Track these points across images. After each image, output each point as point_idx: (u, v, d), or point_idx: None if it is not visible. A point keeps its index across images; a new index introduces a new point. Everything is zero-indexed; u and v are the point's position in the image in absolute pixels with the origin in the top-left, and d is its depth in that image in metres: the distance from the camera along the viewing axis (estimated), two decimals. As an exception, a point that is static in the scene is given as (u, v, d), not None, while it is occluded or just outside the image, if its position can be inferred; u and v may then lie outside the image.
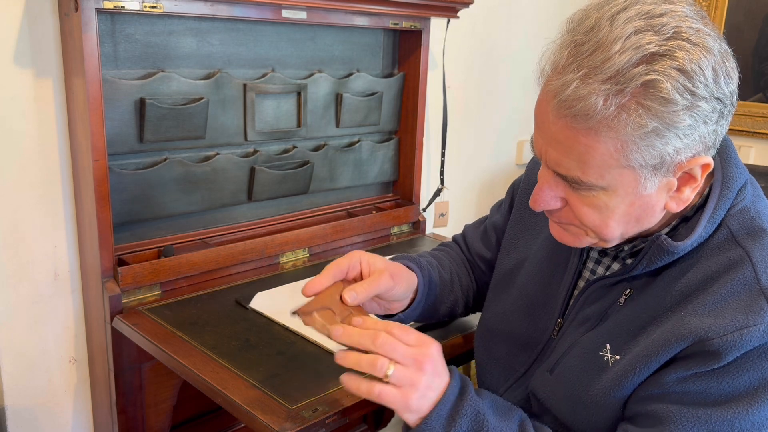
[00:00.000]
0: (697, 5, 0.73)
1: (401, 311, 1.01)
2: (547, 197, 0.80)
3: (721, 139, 0.75)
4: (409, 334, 0.81)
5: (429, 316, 1.08)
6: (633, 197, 0.75)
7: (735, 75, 0.73)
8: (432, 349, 0.81)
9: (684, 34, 0.69)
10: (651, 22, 0.69)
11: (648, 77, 0.67)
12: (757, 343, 0.71)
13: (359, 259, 0.93)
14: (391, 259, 1.05)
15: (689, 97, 0.68)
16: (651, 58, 0.68)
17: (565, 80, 0.70)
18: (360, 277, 0.94)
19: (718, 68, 0.70)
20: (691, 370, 0.74)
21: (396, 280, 0.95)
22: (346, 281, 0.92)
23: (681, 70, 0.67)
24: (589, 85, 0.68)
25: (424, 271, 1.04)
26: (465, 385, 0.83)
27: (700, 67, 0.68)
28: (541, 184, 0.80)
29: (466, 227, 1.20)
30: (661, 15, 0.69)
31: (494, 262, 1.10)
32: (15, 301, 1.31)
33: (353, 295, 0.88)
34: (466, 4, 1.70)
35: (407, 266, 1.02)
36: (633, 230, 0.79)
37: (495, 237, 1.11)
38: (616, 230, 0.78)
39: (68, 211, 1.34)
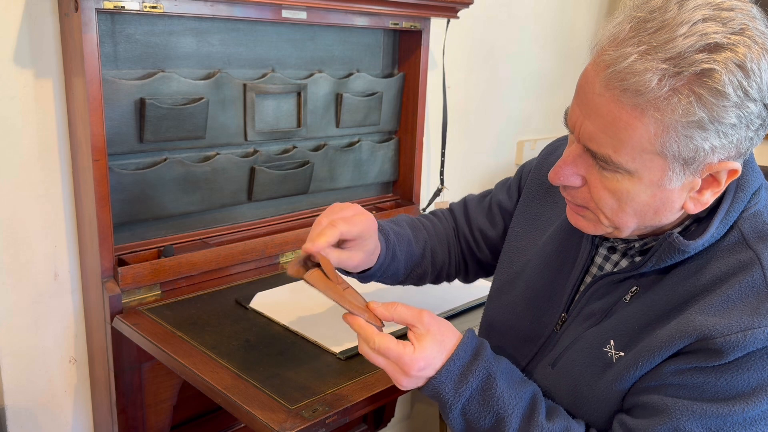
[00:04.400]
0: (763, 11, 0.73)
1: (357, 272, 1.02)
2: (568, 172, 0.79)
3: (753, 149, 0.75)
4: (388, 346, 0.82)
5: (389, 281, 1.08)
6: (656, 188, 0.74)
7: None
8: (407, 360, 0.81)
9: (749, 32, 0.68)
10: (720, 14, 0.69)
11: (707, 65, 0.67)
12: (761, 345, 0.71)
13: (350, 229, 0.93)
14: None
15: (741, 94, 0.68)
16: (714, 48, 0.67)
17: (623, 53, 0.69)
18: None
19: None
20: (691, 364, 0.74)
21: (368, 261, 0.97)
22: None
23: (740, 66, 0.67)
24: (648, 62, 0.68)
25: (389, 246, 1.03)
26: (481, 346, 0.85)
27: (759, 68, 0.68)
28: (566, 158, 0.79)
29: (469, 199, 1.18)
30: (730, 9, 0.69)
31: (496, 241, 1.10)
32: (15, 301, 1.31)
33: (309, 245, 0.88)
34: (466, 4, 1.70)
35: (380, 229, 1.02)
36: (649, 223, 0.79)
37: (501, 217, 1.10)
38: (632, 220, 0.78)
39: (68, 211, 1.34)
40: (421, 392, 0.84)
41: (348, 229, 0.92)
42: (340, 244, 0.94)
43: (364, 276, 1.03)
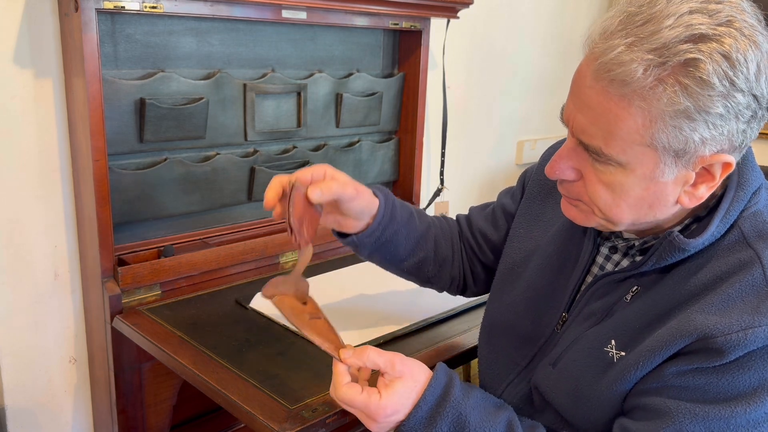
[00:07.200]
0: (755, 7, 0.73)
1: (355, 233, 1.01)
2: (563, 166, 0.80)
3: (749, 143, 0.75)
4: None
5: (389, 257, 1.06)
6: (648, 181, 0.74)
7: None
8: (373, 409, 0.82)
9: (736, 24, 0.69)
10: (707, 6, 0.69)
11: (691, 55, 0.67)
12: (761, 344, 0.71)
13: (324, 170, 0.94)
14: None
15: (727, 84, 0.68)
16: (699, 39, 0.68)
17: (611, 44, 0.71)
18: None
19: (762, 67, 0.70)
20: (693, 365, 0.74)
21: (359, 192, 0.96)
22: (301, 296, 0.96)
23: (725, 56, 0.68)
24: (633, 53, 0.69)
25: (388, 202, 1.03)
26: (449, 385, 0.84)
27: (745, 59, 0.68)
28: (561, 152, 0.80)
29: (472, 208, 1.19)
30: (718, 2, 0.70)
31: (498, 244, 1.09)
32: (15, 301, 1.31)
33: (318, 192, 0.89)
34: (466, 4, 1.70)
35: (372, 192, 1.01)
36: (644, 219, 0.79)
37: (504, 220, 1.10)
38: (627, 214, 0.78)
39: (68, 211, 1.34)
40: None
41: (331, 170, 0.94)
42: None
43: (361, 240, 1.01)
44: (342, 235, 1.03)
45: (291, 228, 0.89)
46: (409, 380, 0.83)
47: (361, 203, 0.96)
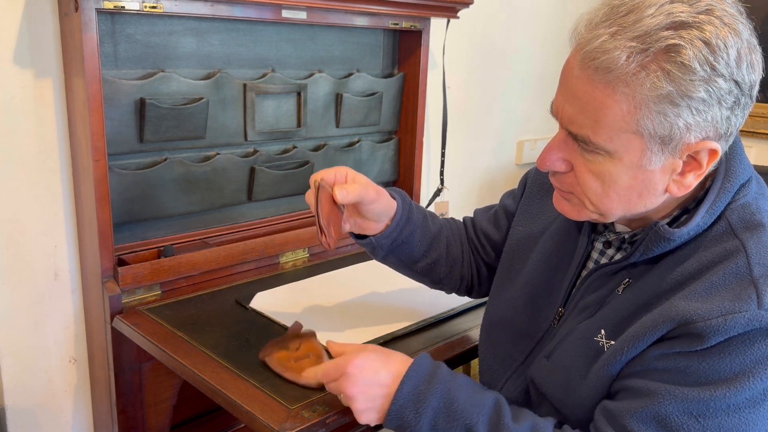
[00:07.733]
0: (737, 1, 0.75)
1: (373, 235, 1.04)
2: (553, 157, 0.81)
3: (735, 132, 0.76)
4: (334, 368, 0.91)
5: (404, 258, 1.08)
6: (636, 170, 0.76)
7: (759, 69, 0.74)
8: (341, 361, 0.90)
9: (716, 13, 0.71)
10: None
11: (672, 41, 0.69)
12: (742, 330, 0.72)
13: (345, 172, 0.98)
14: None
15: (708, 70, 0.70)
16: (680, 26, 0.70)
17: (595, 34, 0.73)
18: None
19: (742, 54, 0.71)
20: (675, 348, 0.75)
21: (379, 194, 0.99)
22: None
23: (706, 42, 0.69)
24: (617, 41, 0.71)
25: (405, 204, 1.06)
26: (436, 366, 0.88)
27: (726, 45, 0.70)
28: (551, 143, 0.82)
29: (476, 210, 1.21)
30: None
31: (500, 244, 1.11)
32: (15, 301, 1.31)
33: (344, 193, 0.94)
34: (466, 4, 1.70)
35: (390, 194, 1.05)
36: (634, 209, 0.80)
37: (505, 220, 1.12)
38: (617, 204, 0.79)
39: (68, 211, 1.34)
40: (385, 426, 0.87)
41: (352, 172, 0.98)
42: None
43: (379, 242, 1.03)
44: (359, 237, 1.06)
45: (321, 228, 0.93)
46: (378, 350, 0.91)
47: (381, 205, 1.00)
